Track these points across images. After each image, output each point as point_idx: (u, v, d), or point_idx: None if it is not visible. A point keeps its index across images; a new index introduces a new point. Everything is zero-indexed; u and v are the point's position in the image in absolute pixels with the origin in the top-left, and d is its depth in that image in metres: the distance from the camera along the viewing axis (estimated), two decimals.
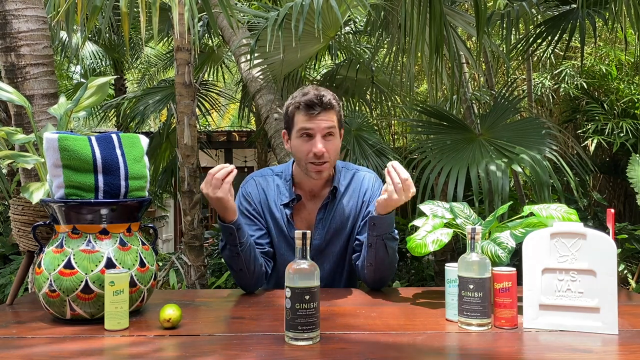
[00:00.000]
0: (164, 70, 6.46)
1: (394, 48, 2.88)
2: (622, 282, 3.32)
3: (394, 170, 1.36)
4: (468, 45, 4.03)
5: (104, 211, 1.23)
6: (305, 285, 1.07)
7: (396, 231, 1.52)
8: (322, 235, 1.61)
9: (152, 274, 1.30)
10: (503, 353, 1.02)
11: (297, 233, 1.10)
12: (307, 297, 1.06)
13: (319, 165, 1.52)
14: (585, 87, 4.20)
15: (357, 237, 1.62)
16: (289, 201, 1.60)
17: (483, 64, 3.43)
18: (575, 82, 4.16)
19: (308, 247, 1.10)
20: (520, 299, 1.19)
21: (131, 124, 4.45)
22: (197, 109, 3.67)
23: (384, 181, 1.43)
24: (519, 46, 3.26)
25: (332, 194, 1.61)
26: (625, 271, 3.37)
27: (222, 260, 4.13)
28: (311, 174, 1.54)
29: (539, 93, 4.48)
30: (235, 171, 1.40)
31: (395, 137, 5.49)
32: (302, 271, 1.08)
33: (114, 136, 1.30)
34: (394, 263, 1.55)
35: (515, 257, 1.38)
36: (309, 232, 1.11)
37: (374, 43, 3.24)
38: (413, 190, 1.37)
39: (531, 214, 1.38)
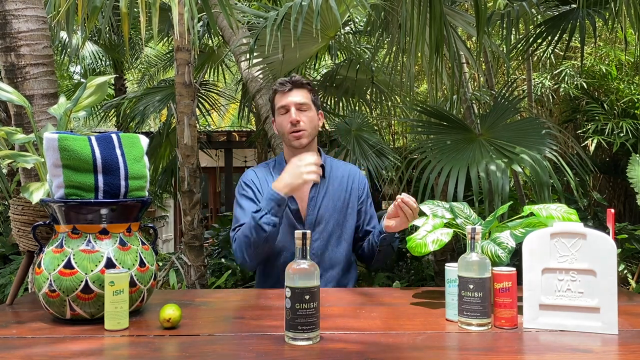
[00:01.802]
0: (164, 70, 6.46)
1: (394, 48, 2.88)
2: (622, 282, 3.32)
3: (404, 203, 1.57)
4: (468, 45, 4.03)
5: (103, 211, 1.23)
6: (305, 285, 1.07)
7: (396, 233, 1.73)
8: (314, 211, 1.77)
9: (152, 274, 1.30)
10: (503, 353, 1.02)
11: (297, 233, 1.11)
12: (307, 297, 1.07)
13: (297, 132, 1.73)
14: (585, 87, 4.20)
15: (366, 228, 1.84)
16: None
17: (483, 64, 3.43)
18: (575, 82, 4.16)
19: (308, 247, 1.11)
20: (520, 299, 1.19)
21: (131, 124, 4.44)
22: (197, 109, 3.67)
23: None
24: (519, 46, 3.26)
25: (322, 173, 1.75)
26: (625, 271, 3.36)
27: (223, 260, 4.13)
28: (293, 143, 1.75)
29: (539, 93, 4.48)
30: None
31: (395, 137, 5.49)
32: (302, 271, 1.08)
33: (113, 136, 1.30)
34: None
35: (515, 257, 1.38)
36: (308, 232, 1.12)
37: (374, 43, 3.24)
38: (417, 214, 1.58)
39: (531, 214, 1.38)
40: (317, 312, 1.09)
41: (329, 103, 3.78)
